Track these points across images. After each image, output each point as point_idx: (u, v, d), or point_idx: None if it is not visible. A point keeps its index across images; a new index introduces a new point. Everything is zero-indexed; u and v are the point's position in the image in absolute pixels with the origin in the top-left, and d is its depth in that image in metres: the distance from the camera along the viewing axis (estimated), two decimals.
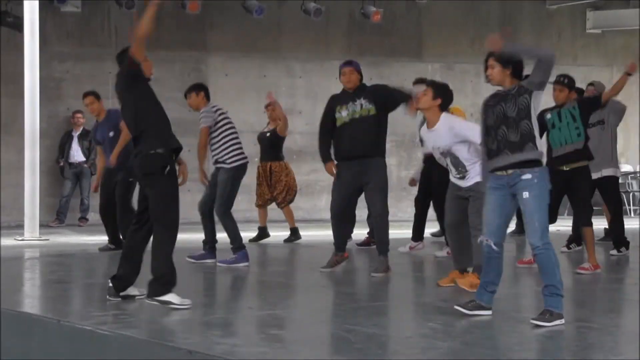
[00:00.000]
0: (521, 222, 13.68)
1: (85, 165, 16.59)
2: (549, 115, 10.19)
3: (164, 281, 7.75)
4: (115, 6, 16.24)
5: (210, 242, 10.98)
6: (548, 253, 6.93)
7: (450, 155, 8.70)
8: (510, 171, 7.05)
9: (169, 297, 7.72)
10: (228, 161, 10.76)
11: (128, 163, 12.11)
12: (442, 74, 18.43)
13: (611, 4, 19.49)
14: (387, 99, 9.98)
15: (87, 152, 16.59)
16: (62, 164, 16.66)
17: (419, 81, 11.57)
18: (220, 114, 10.85)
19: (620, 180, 19.51)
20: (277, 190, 13.41)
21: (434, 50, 18.78)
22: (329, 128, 9.98)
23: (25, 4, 14.44)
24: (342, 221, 10.05)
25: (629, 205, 19.45)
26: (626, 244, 11.61)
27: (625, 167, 19.77)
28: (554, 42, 19.61)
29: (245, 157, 10.91)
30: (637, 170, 19.78)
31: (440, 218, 11.94)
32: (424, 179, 11.88)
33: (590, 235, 10.12)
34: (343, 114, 9.89)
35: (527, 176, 7.01)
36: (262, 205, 13.54)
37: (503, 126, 7.09)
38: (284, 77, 18.09)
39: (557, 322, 6.83)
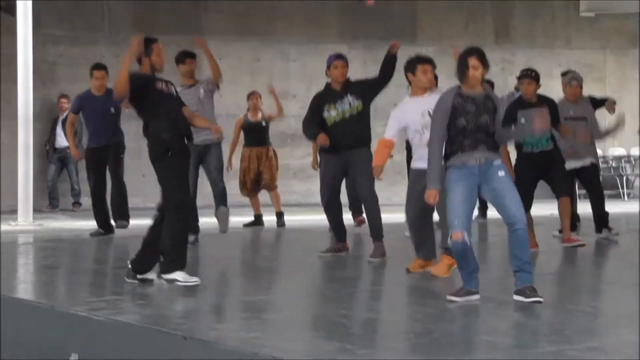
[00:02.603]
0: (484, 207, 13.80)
1: (69, 151, 16.50)
2: (522, 120, 10.25)
3: (169, 260, 7.96)
4: None
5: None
6: (527, 229, 7.18)
7: None
8: (482, 160, 7.20)
9: (175, 275, 7.92)
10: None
11: (116, 140, 12.16)
12: (436, 57, 18.25)
13: None
14: (373, 90, 9.99)
15: None
16: (47, 148, 16.60)
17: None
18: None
19: (613, 164, 19.68)
20: (266, 174, 13.43)
21: (429, 33, 18.75)
22: (315, 123, 9.96)
23: None
24: (336, 209, 10.07)
25: (622, 188, 19.47)
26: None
27: (618, 151, 19.80)
28: (547, 24, 19.59)
29: None
30: (631, 153, 19.79)
31: None
32: None
33: (566, 205, 10.28)
34: (332, 114, 9.89)
35: (498, 162, 7.25)
36: (249, 194, 13.54)
37: (483, 133, 7.21)
38: (278, 60, 18.06)
39: (536, 298, 7.06)
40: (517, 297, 7.14)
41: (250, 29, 17.74)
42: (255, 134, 13.58)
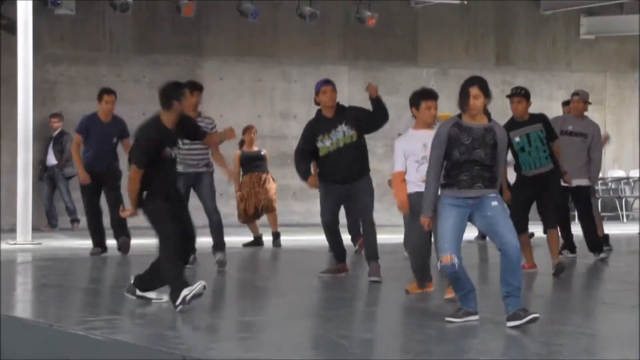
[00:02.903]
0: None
1: (57, 169, 16.42)
2: (517, 139, 10.25)
3: (173, 292, 7.92)
4: (109, 9, 16.22)
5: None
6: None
7: None
8: (477, 196, 7.20)
9: (182, 294, 7.82)
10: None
11: (113, 167, 12.16)
12: (436, 78, 18.44)
13: (605, 10, 19.51)
14: (367, 126, 9.89)
15: (59, 155, 16.36)
16: (41, 167, 16.51)
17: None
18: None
19: (612, 186, 19.68)
20: (263, 195, 13.49)
21: (429, 55, 18.79)
22: (307, 153, 9.92)
23: (19, 6, 14.41)
24: (336, 232, 10.05)
25: (621, 210, 19.46)
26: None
27: (618, 173, 19.80)
28: (548, 47, 19.63)
29: None
30: (630, 175, 19.79)
31: None
32: None
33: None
34: (327, 144, 9.81)
35: (492, 194, 7.23)
36: (249, 220, 13.57)
37: (479, 166, 7.18)
38: (280, 81, 18.08)
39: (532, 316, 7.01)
40: (511, 323, 7.04)
41: (251, 49, 17.77)
42: (253, 162, 13.73)
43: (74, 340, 6.87)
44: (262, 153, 13.86)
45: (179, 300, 7.75)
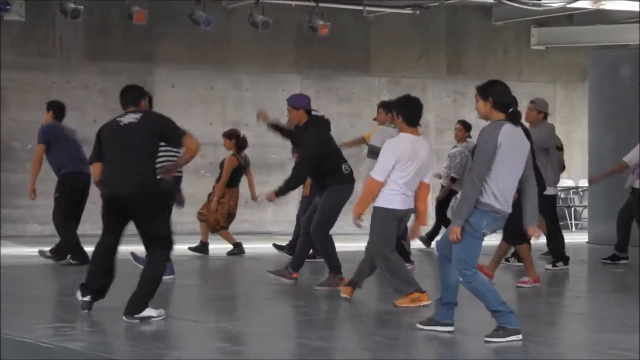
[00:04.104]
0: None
1: None
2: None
3: (146, 299, 7.86)
4: (60, 15, 16.08)
5: None
6: (472, 284, 6.95)
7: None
8: None
9: (147, 312, 7.78)
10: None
11: (87, 170, 11.99)
12: (389, 88, 18.51)
13: (555, 21, 19.70)
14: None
15: None
16: None
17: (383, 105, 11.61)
18: None
19: (562, 195, 19.86)
20: (221, 211, 13.44)
21: (382, 65, 18.85)
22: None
23: None
24: (331, 240, 10.01)
25: (570, 220, 19.64)
26: (565, 259, 11.69)
27: (567, 182, 19.98)
28: (499, 57, 19.78)
29: None
30: (579, 185, 19.99)
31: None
32: None
33: (526, 250, 10.24)
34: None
35: None
36: (222, 229, 13.57)
37: None
38: (232, 89, 18.05)
39: (513, 337, 6.85)
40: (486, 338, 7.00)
41: (203, 57, 17.72)
42: (239, 174, 13.72)
43: (22, 348, 6.80)
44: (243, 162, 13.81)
45: (141, 315, 7.72)
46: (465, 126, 13.85)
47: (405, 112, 8.54)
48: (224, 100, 17.91)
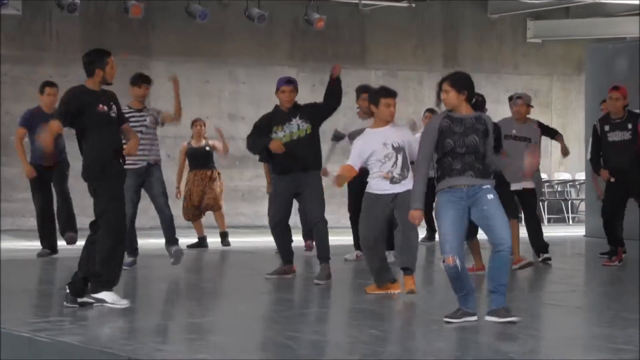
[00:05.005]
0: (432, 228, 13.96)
1: None
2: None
3: (99, 279, 7.92)
4: (56, 9, 16.08)
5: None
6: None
7: (402, 152, 8.77)
8: (470, 185, 7.29)
9: (103, 295, 7.86)
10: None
11: (61, 157, 12.02)
12: (385, 80, 18.47)
13: (551, 14, 19.70)
14: (321, 115, 10.03)
15: None
16: None
17: (362, 89, 11.65)
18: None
19: (559, 188, 19.88)
20: (210, 194, 13.43)
21: (377, 57, 18.85)
22: (263, 135, 10.01)
23: None
24: (284, 232, 10.06)
25: (567, 213, 19.66)
26: (545, 248, 11.69)
27: (563, 175, 19.99)
28: (495, 50, 19.78)
29: None
30: (576, 178, 20.00)
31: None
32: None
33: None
34: (279, 135, 9.92)
35: (487, 185, 7.32)
36: (192, 218, 13.53)
37: (472, 155, 7.28)
38: (227, 82, 18.05)
39: (515, 319, 7.17)
40: (490, 318, 7.20)
41: (199, 50, 17.72)
42: (199, 159, 13.65)
43: (18, 342, 6.80)
44: (208, 149, 13.72)
45: (96, 296, 7.86)
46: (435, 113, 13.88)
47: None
48: (220, 93, 17.91)
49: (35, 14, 16.79)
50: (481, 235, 7.93)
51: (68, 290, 8.07)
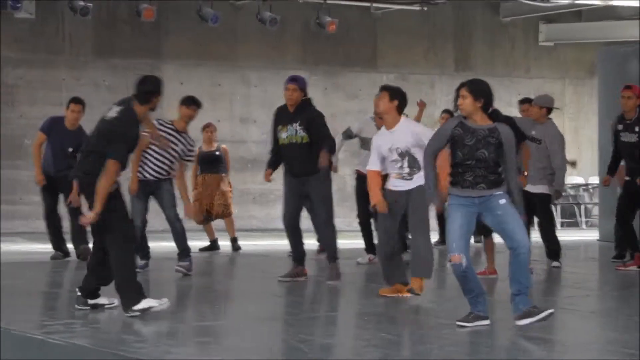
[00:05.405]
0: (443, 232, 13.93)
1: None
2: None
3: (132, 292, 7.82)
4: (69, 13, 16.12)
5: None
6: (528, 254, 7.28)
7: (408, 155, 8.81)
8: (482, 195, 7.31)
9: (144, 303, 7.76)
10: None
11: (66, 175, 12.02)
12: (396, 84, 18.39)
13: (563, 17, 19.66)
14: (318, 134, 9.90)
15: None
16: None
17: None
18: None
19: (572, 192, 19.82)
20: (219, 201, 13.44)
21: (389, 60, 18.84)
22: (274, 149, 10.15)
23: None
24: (296, 232, 10.07)
25: (580, 217, 19.60)
26: (557, 255, 11.62)
27: (576, 179, 19.94)
28: (507, 53, 19.76)
29: None
30: (589, 182, 19.94)
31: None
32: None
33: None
34: (282, 136, 9.97)
35: (499, 192, 7.31)
36: (202, 222, 13.54)
37: (482, 168, 7.27)
38: (239, 85, 18.06)
39: (545, 314, 7.21)
40: (523, 321, 7.18)
41: (210, 53, 17.73)
42: (209, 163, 13.65)
43: (31, 344, 6.82)
44: (217, 153, 13.70)
45: (138, 307, 7.70)
46: (452, 115, 13.85)
47: (402, 101, 9.04)
48: (232, 96, 17.91)
49: (48, 17, 16.83)
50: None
51: (79, 293, 8.08)
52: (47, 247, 12.52)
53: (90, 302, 8.04)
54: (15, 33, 16.63)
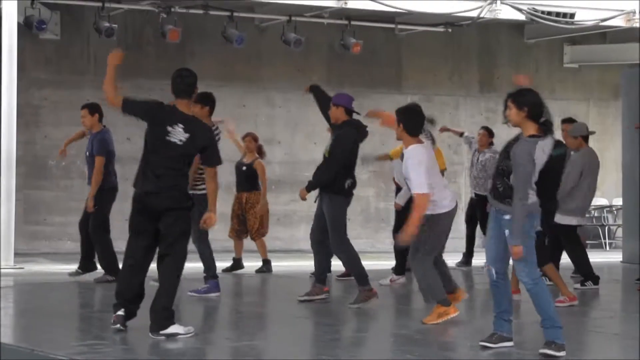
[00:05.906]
0: (468, 252, 13.95)
1: None
2: None
3: (168, 314, 7.83)
4: (94, 34, 16.21)
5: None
6: (537, 287, 7.11)
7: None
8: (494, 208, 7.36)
9: (173, 329, 7.76)
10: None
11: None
12: (420, 105, 18.47)
13: (588, 39, 19.63)
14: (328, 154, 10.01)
15: None
16: None
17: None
18: None
19: (595, 214, 19.73)
20: (250, 221, 13.39)
21: (413, 82, 18.84)
22: None
23: (4, 30, 14.38)
24: (319, 248, 10.05)
25: (604, 238, 19.52)
26: (594, 279, 11.59)
27: (600, 201, 19.86)
28: (531, 75, 19.71)
29: None
30: (613, 204, 19.87)
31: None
32: (403, 210, 11.80)
33: (552, 270, 10.20)
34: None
35: (507, 216, 7.22)
36: (234, 236, 13.49)
37: (499, 179, 7.34)
38: (264, 106, 18.10)
39: (562, 353, 7.07)
40: (541, 350, 7.13)
41: (235, 74, 17.78)
42: (239, 176, 13.59)
43: None
44: (244, 169, 13.45)
45: (167, 332, 7.71)
46: (489, 132, 13.89)
47: (407, 122, 8.80)
48: (257, 117, 17.94)
49: (73, 38, 16.94)
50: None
51: (123, 313, 7.97)
52: (71, 268, 12.53)
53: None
54: (41, 54, 16.74)
